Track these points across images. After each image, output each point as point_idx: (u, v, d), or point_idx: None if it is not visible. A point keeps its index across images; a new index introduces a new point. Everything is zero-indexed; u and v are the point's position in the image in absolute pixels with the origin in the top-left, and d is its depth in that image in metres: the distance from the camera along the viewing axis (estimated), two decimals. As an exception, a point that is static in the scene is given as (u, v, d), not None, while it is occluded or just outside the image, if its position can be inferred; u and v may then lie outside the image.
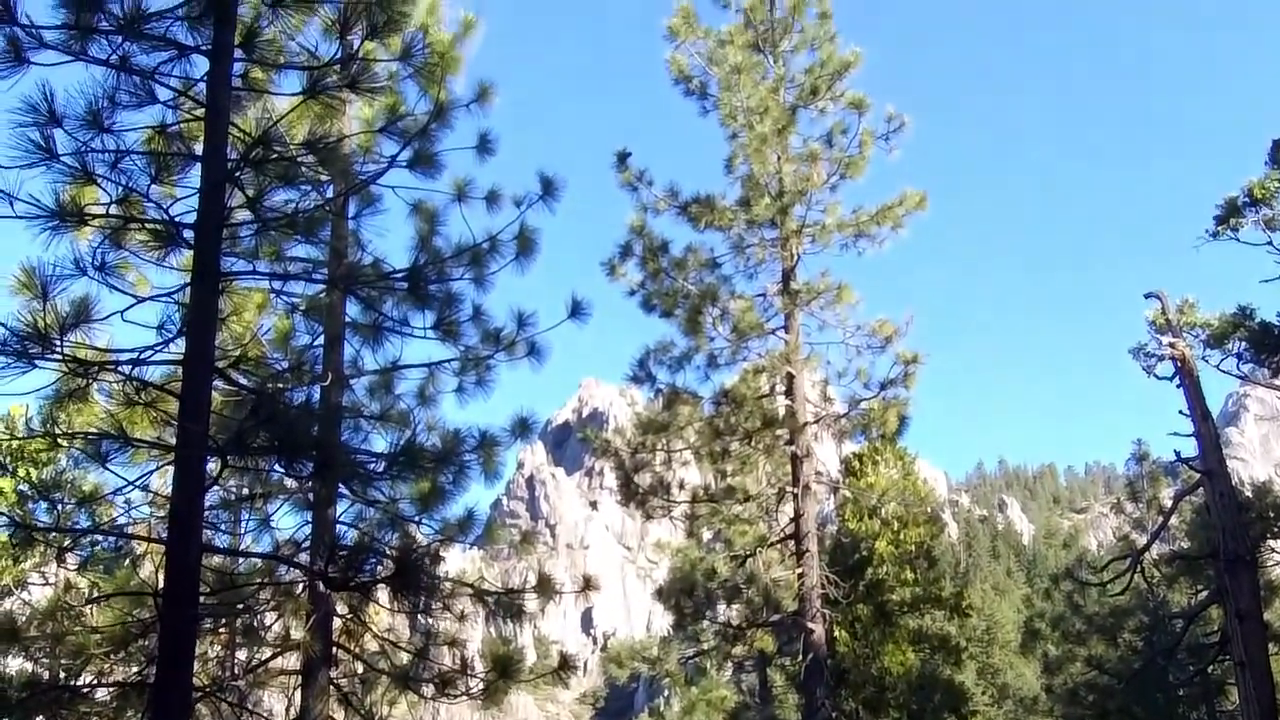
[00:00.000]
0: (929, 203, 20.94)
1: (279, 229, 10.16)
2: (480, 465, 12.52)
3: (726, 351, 20.49)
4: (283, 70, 10.10)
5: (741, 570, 21.29)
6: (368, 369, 13.00)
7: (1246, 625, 22.94)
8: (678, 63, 20.84)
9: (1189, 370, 25.31)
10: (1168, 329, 26.30)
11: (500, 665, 11.90)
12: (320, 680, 11.78)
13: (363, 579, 9.73)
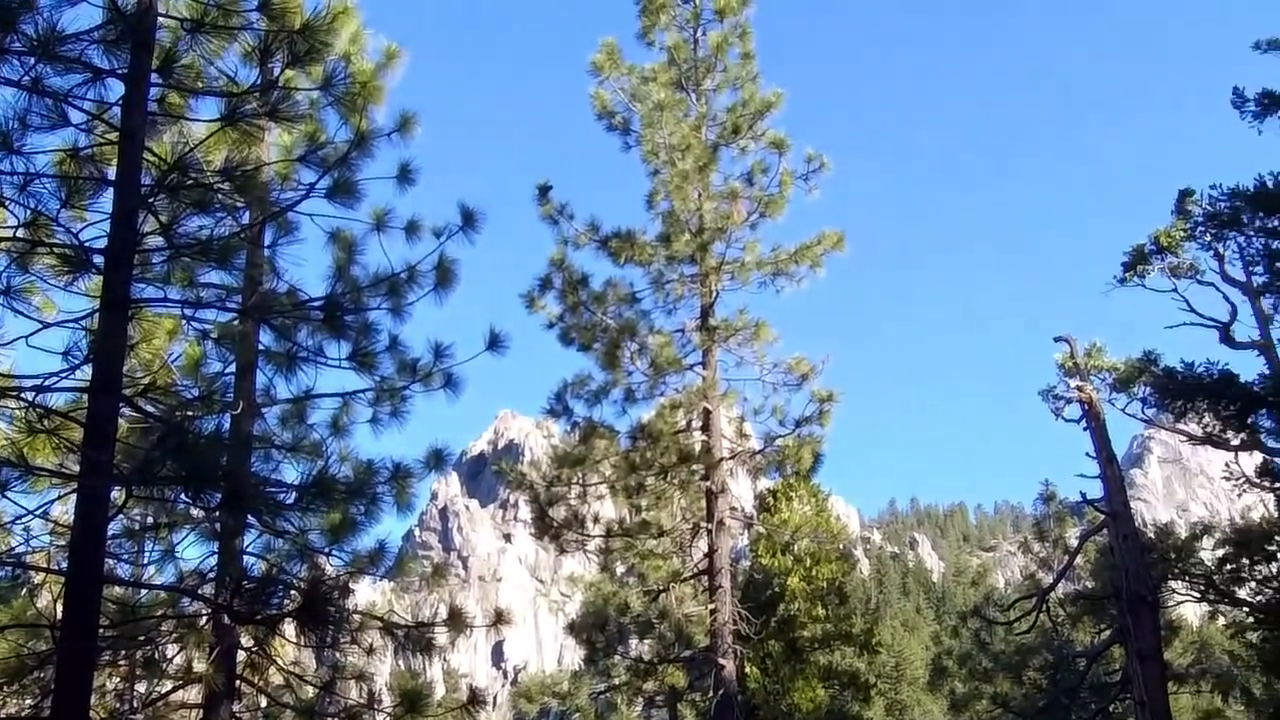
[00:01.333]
0: (846, 244, 21.19)
1: (192, 255, 10.00)
2: (393, 497, 12.41)
3: (644, 386, 20.50)
4: (201, 96, 10.00)
5: (654, 605, 21.27)
6: (280, 398, 12.79)
7: (1147, 665, 23.38)
8: (601, 98, 20.90)
9: (1095, 413, 25.85)
10: (1076, 372, 26.87)
11: (408, 699, 11.76)
12: (222, 714, 11.54)
13: (269, 612, 9.59)
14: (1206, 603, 28.77)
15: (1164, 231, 27.71)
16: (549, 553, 21.63)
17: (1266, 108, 17.97)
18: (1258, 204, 17.83)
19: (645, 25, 21.35)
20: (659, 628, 21.43)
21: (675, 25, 21.44)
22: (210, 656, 11.58)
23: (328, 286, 12.32)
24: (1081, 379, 26.58)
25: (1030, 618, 28.94)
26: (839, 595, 30.50)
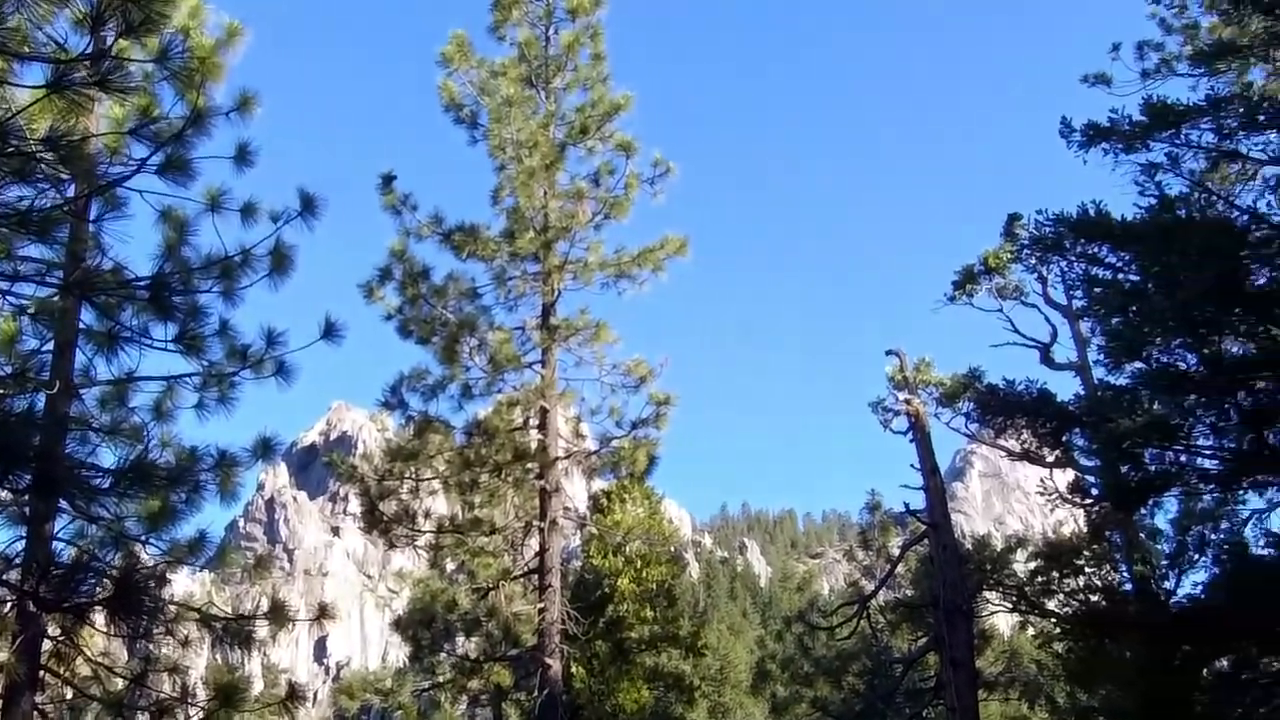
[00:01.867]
0: (690, 248, 21.41)
1: (10, 227, 9.57)
2: (217, 485, 12.09)
3: (482, 383, 20.36)
4: (26, 61, 9.57)
5: (483, 603, 21.19)
6: (100, 379, 12.34)
7: (959, 672, 24.10)
8: (449, 90, 20.66)
9: (921, 426, 26.58)
10: (905, 386, 27.59)
11: (223, 694, 11.45)
12: (23, 706, 11.05)
13: (78, 600, 9.24)
14: (1018, 613, 29.78)
15: (992, 253, 28.74)
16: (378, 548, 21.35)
17: (1091, 139, 18.69)
18: (1079, 230, 18.53)
19: (497, 20, 21.20)
20: (486, 626, 21.34)
21: (527, 22, 21.34)
22: (13, 645, 11.08)
23: (156, 266, 11.97)
24: (910, 392, 27.30)
25: (851, 624, 29.62)
26: (668, 597, 30.76)
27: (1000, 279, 28.74)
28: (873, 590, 30.71)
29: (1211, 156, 19.03)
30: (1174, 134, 18.26)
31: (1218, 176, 20.09)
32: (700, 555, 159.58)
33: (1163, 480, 18.03)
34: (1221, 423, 17.25)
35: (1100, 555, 26.54)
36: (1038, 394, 20.85)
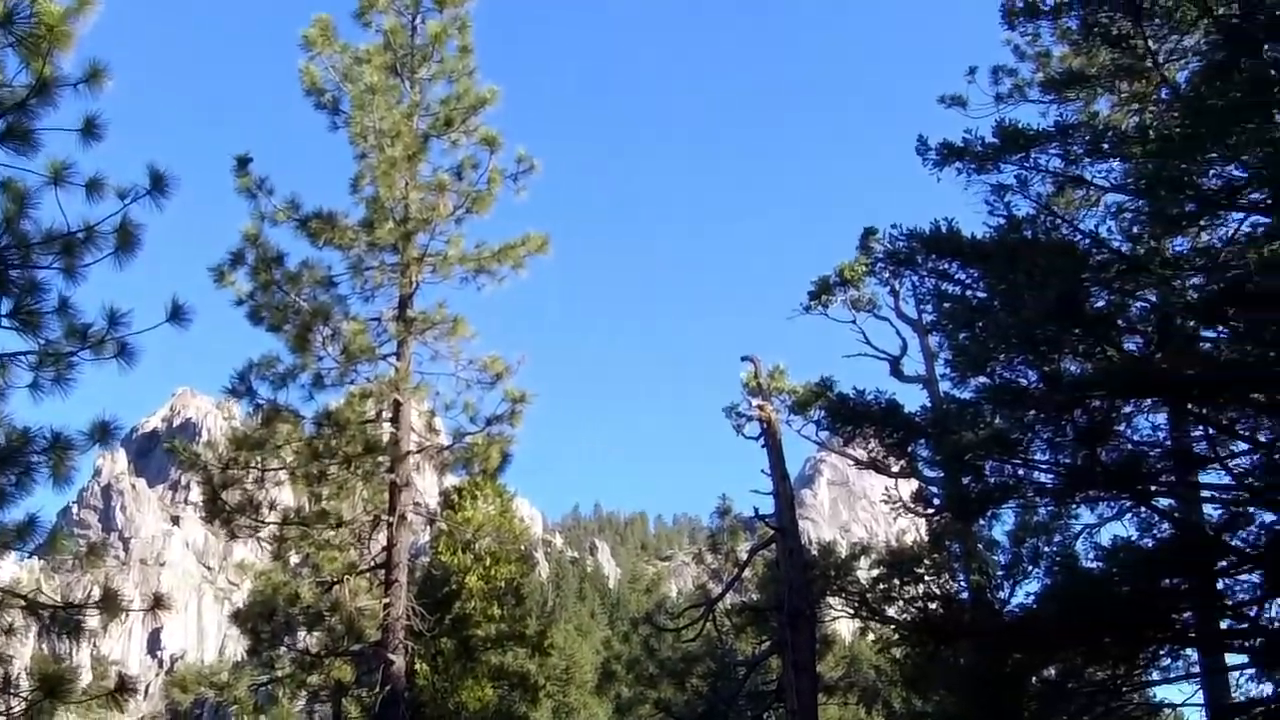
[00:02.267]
0: (551, 246, 21.39)
1: None
2: (50, 469, 11.66)
3: (334, 373, 20.04)
4: None
5: (327, 597, 20.81)
6: (-73, 353, 11.82)
7: (801, 676, 24.48)
8: (311, 74, 20.24)
9: (773, 432, 26.94)
10: (759, 392, 27.96)
11: (48, 685, 11.03)
12: None
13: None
14: (859, 619, 30.29)
15: (848, 265, 29.30)
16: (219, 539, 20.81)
17: (945, 158, 19.12)
18: (931, 246, 18.94)
19: (363, 5, 20.86)
20: (329, 620, 20.96)
21: (394, 9, 21.03)
22: None
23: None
24: (763, 399, 27.66)
25: (697, 626, 29.87)
26: (516, 596, 30.65)
27: (855, 291, 29.32)
28: (719, 593, 30.99)
29: (1058, 181, 19.61)
30: (1024, 157, 18.80)
31: (1063, 201, 20.68)
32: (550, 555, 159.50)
33: (1001, 492, 18.47)
34: (1058, 439, 17.72)
35: (939, 564, 27.17)
36: (886, 404, 21.23)
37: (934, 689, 27.57)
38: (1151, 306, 17.33)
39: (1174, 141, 17.02)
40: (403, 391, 20.19)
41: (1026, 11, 20.55)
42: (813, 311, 29.74)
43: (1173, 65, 19.89)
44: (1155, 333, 17.14)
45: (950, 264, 19.02)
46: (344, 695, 26.44)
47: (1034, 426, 17.71)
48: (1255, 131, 15.99)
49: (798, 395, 28.21)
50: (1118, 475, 17.56)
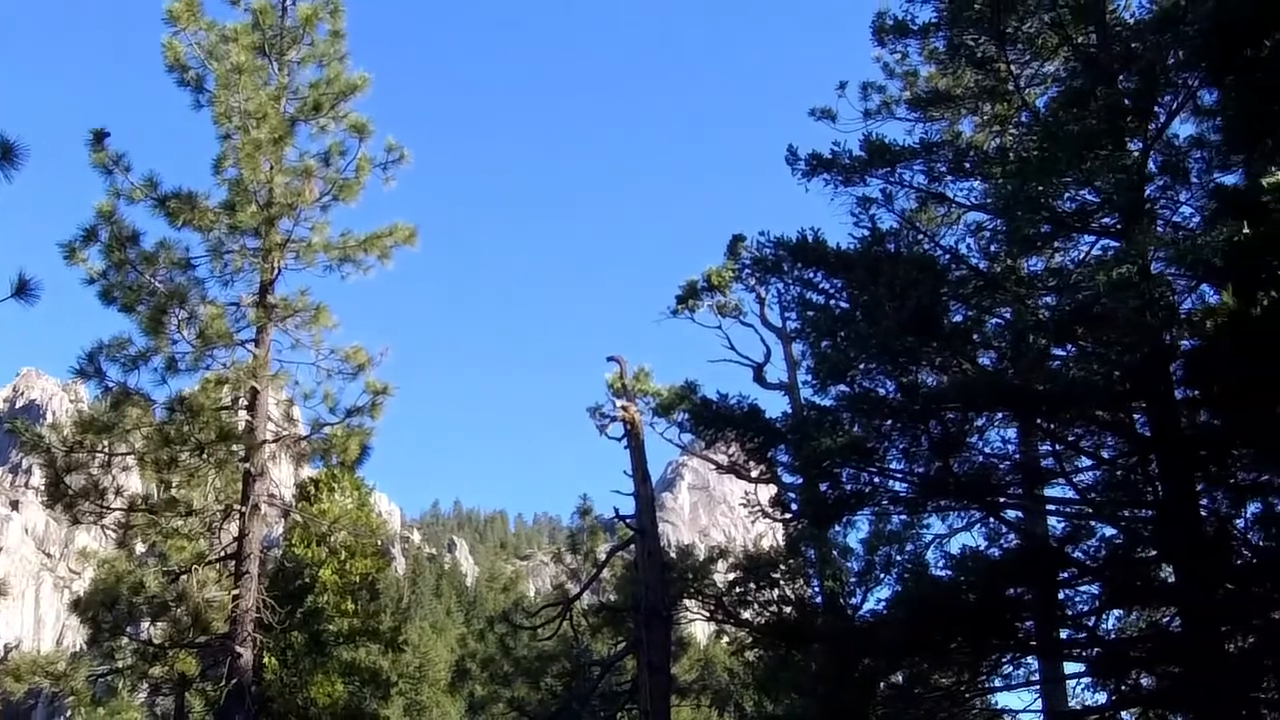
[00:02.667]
0: (418, 238, 21.19)
1: None
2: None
3: (189, 357, 19.55)
4: None
5: (173, 587, 20.34)
6: None
7: (655, 677, 24.66)
8: (174, 49, 19.67)
9: (636, 434, 27.10)
10: (624, 393, 28.05)
11: None
12: None
13: None
14: (714, 622, 30.61)
15: (716, 271, 29.50)
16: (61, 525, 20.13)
17: (814, 169, 19.39)
18: (797, 255, 19.18)
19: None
20: (175, 611, 20.47)
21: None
22: None
23: None
24: (628, 400, 27.78)
25: (554, 625, 29.90)
26: (371, 591, 30.24)
27: (721, 297, 29.54)
28: (577, 593, 31.05)
29: (921, 197, 20.02)
30: (889, 172, 19.17)
31: (925, 216, 21.07)
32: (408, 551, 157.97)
33: (857, 499, 18.74)
34: (913, 448, 18.05)
35: (795, 569, 27.56)
36: (748, 409, 21.42)
37: (785, 692, 27.95)
38: (1006, 323, 17.80)
39: (1032, 164, 17.50)
40: (260, 379, 19.82)
41: (896, 30, 20.94)
42: (680, 315, 29.90)
43: (1033, 90, 20.44)
44: (1008, 349, 17.61)
45: (815, 273, 19.28)
46: (188, 688, 25.78)
47: (890, 435, 18.02)
48: (1108, 158, 16.54)
49: (662, 398, 28.35)
50: (968, 486, 17.99)
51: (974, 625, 17.54)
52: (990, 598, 17.44)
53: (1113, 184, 16.56)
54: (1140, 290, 15.08)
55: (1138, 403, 16.92)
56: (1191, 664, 16.28)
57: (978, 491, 18.14)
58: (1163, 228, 16.67)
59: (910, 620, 17.81)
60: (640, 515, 26.41)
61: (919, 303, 16.27)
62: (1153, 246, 15.54)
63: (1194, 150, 16.90)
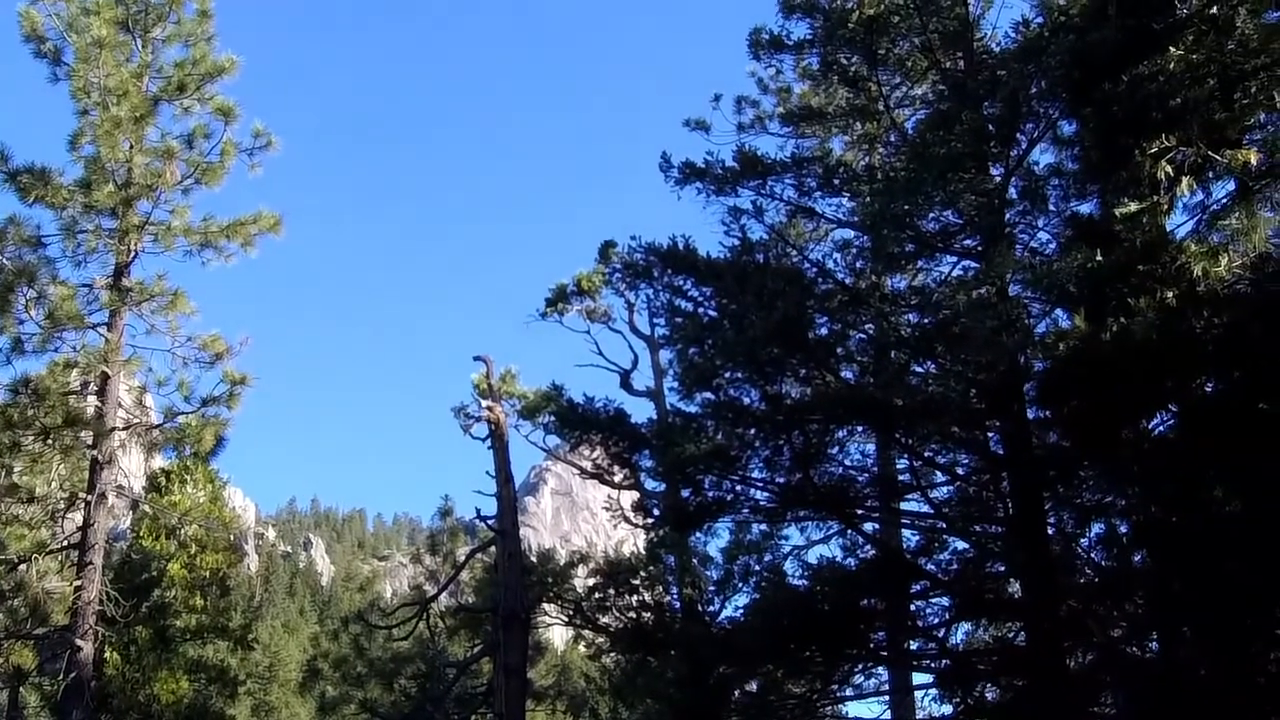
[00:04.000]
0: (284, 227, 20.88)
1: None
2: None
3: (36, 339, 19.00)
4: None
5: (11, 576, 19.68)
6: None
7: (512, 680, 24.58)
8: (32, 19, 19.06)
9: (501, 434, 27.00)
10: (489, 393, 27.92)
11: None
12: None
13: None
14: (573, 627, 30.61)
15: (586, 275, 29.56)
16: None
17: (687, 177, 19.54)
18: (667, 261, 19.30)
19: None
20: (12, 601, 19.82)
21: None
22: None
23: None
24: (494, 400, 27.65)
25: (410, 626, 29.64)
26: (221, 587, 29.68)
27: (591, 302, 29.59)
28: (435, 593, 30.83)
29: (791, 210, 20.30)
30: (761, 184, 19.42)
31: (794, 230, 21.35)
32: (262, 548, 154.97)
33: (718, 506, 18.87)
34: (775, 458, 18.23)
35: (654, 576, 27.68)
36: (614, 413, 21.48)
37: (641, 698, 28.04)
38: (869, 338, 18.13)
39: (898, 183, 17.90)
40: (112, 364, 19.33)
41: (772, 44, 21.19)
42: (549, 319, 29.90)
43: (902, 111, 20.85)
44: (870, 363, 17.95)
45: (685, 280, 19.43)
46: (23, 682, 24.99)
47: (753, 444, 18.20)
48: (971, 181, 17.01)
49: (528, 400, 28.32)
50: (828, 496, 18.28)
51: (828, 635, 17.82)
52: (844, 608, 17.73)
53: (975, 207, 17.03)
54: (998, 311, 15.49)
55: (992, 421, 17.35)
56: (1035, 677, 16.71)
57: (836, 502, 18.44)
58: (1021, 252, 17.12)
59: (766, 628, 18.02)
60: (502, 517, 26.30)
61: (785, 314, 16.46)
62: (1011, 269, 15.95)
63: (1052, 178, 17.42)
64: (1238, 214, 13.62)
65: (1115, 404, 14.67)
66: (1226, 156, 13.84)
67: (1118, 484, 15.85)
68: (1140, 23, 14.80)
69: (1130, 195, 14.23)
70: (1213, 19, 14.75)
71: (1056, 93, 16.51)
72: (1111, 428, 15.04)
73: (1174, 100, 14.76)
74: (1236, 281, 13.92)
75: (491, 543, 27.66)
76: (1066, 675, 16.39)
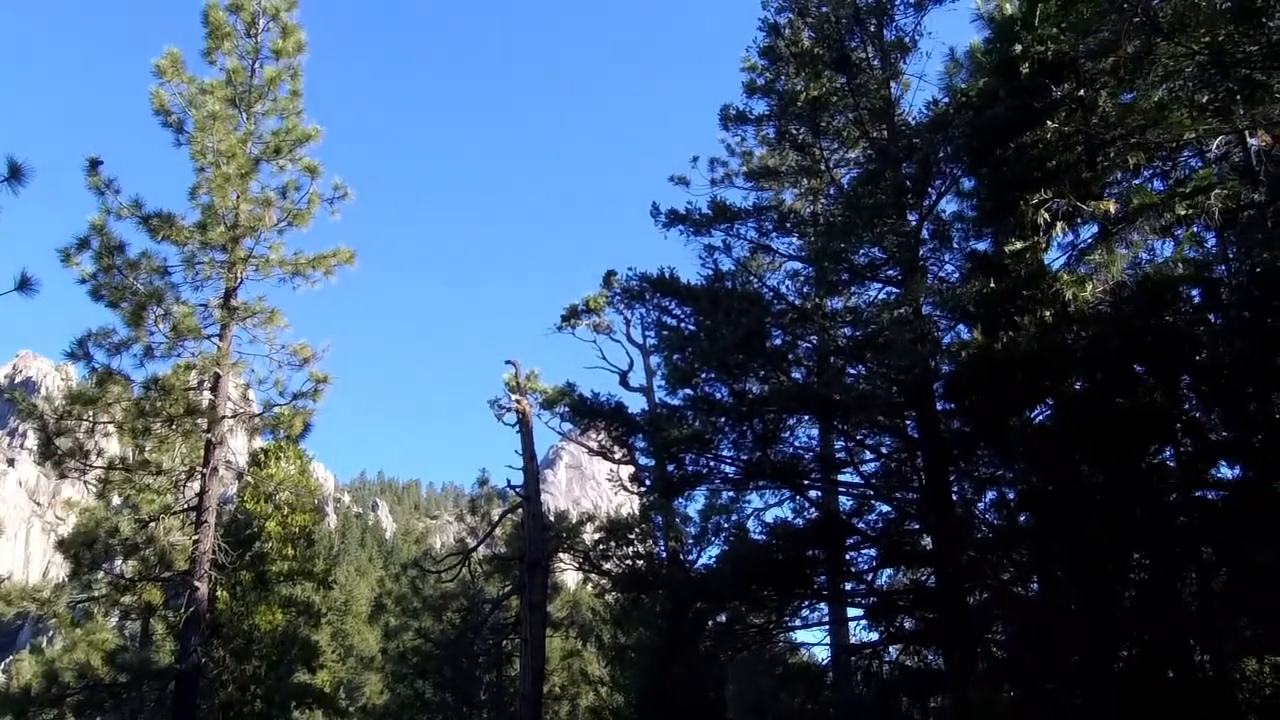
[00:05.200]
0: (357, 260, 20.79)
1: None
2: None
3: (164, 346, 18.87)
4: None
5: (143, 532, 19.57)
6: None
7: (534, 613, 24.58)
8: (160, 97, 18.95)
9: (526, 422, 26.98)
10: (517, 390, 27.88)
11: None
12: None
13: None
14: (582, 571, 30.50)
15: (592, 297, 29.49)
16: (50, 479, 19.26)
17: (672, 221, 19.57)
18: (656, 287, 19.31)
19: (210, 46, 19.72)
20: (144, 551, 19.70)
21: (236, 53, 19.92)
22: None
23: None
24: (520, 395, 27.64)
25: (455, 571, 29.61)
26: (307, 540, 29.48)
27: (596, 318, 29.50)
28: (474, 545, 30.83)
29: (752, 247, 20.30)
30: (729, 227, 19.44)
31: (755, 263, 21.34)
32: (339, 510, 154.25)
33: (696, 478, 18.83)
34: (740, 440, 18.23)
35: (646, 532, 27.65)
36: (615, 405, 21.50)
37: (635, 627, 28.04)
38: (813, 347, 18.14)
39: (836, 227, 17.90)
40: (222, 366, 19.26)
41: (737, 118, 21.21)
42: (563, 331, 29.82)
43: (839, 170, 20.84)
44: (814, 366, 17.95)
45: (669, 302, 19.44)
46: (153, 615, 24.91)
47: (723, 430, 18.16)
48: (893, 224, 17.01)
49: (547, 395, 28.25)
50: (781, 470, 18.27)
51: (781, 578, 17.78)
52: (794, 557, 17.70)
53: (895, 245, 17.02)
54: (913, 326, 15.51)
55: (909, 411, 17.35)
56: (942, 611, 16.71)
57: (788, 475, 18.42)
58: (931, 280, 17.11)
59: (733, 573, 17.96)
60: (527, 486, 26.32)
61: (748, 328, 16.49)
62: (923, 294, 15.97)
63: (956, 223, 17.42)
64: (1100, 251, 13.68)
65: (1005, 399, 14.68)
66: (1091, 206, 13.89)
67: (1007, 461, 15.85)
68: (1024, 102, 14.85)
69: (1016, 236, 14.26)
70: (1080, 99, 14.82)
71: (959, 156, 16.52)
72: (1002, 417, 15.04)
73: (1050, 163, 14.81)
74: (1099, 304, 13.95)
75: (519, 506, 27.66)
76: (967, 610, 16.40)
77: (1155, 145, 14.43)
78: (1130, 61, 14.09)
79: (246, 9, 20.17)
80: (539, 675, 24.68)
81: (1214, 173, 13.85)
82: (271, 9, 20.29)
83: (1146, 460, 13.95)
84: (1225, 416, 13.92)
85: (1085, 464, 14.24)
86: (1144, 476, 13.72)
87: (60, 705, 19.00)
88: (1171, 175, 15.55)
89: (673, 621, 20.88)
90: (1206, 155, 15.16)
